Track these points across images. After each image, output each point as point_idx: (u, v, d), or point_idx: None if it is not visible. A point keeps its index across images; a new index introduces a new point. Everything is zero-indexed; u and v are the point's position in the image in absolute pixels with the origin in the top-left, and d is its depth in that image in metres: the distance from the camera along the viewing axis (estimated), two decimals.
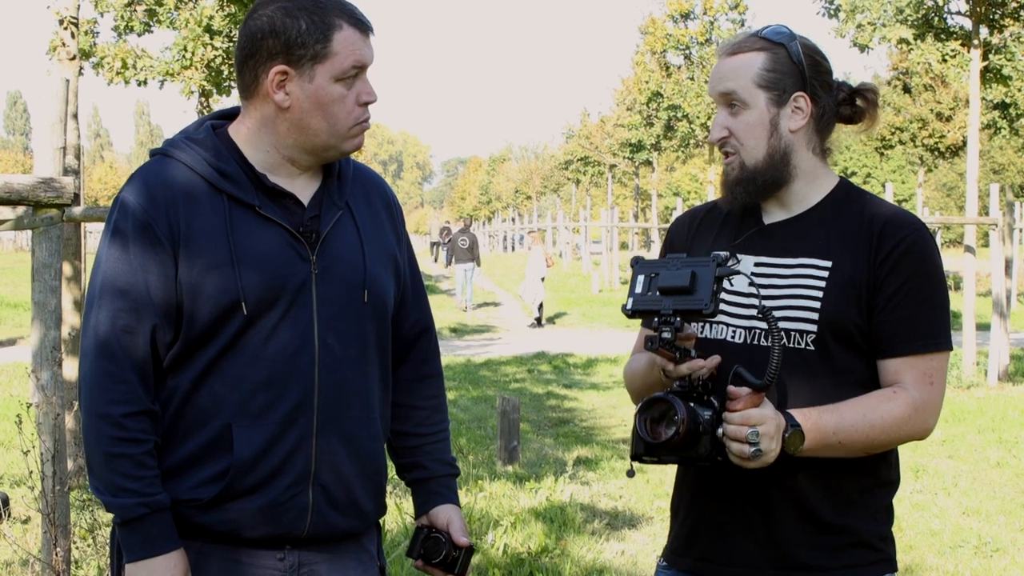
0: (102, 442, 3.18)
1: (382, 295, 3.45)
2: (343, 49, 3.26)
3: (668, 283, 3.27)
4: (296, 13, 3.25)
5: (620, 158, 57.45)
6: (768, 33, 3.53)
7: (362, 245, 3.43)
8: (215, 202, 3.27)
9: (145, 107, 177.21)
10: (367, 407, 3.43)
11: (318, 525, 3.34)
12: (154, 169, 3.34)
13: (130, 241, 3.23)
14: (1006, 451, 13.80)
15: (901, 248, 3.40)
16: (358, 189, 3.53)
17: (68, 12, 10.97)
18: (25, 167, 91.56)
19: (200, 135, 3.38)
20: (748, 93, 3.47)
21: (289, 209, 3.34)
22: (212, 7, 20.88)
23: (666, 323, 3.25)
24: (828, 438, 3.31)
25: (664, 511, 10.15)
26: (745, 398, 3.25)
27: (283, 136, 3.33)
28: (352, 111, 3.30)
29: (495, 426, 13.40)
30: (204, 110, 22.63)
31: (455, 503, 3.69)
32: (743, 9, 44.91)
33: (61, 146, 6.54)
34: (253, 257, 3.25)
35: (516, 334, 29.55)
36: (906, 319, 3.39)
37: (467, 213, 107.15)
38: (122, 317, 3.20)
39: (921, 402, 3.38)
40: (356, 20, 3.30)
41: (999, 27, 22.98)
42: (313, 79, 3.26)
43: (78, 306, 10.45)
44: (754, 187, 3.50)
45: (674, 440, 3.23)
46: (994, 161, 71.46)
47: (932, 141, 48.64)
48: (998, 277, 20.41)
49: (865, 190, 3.64)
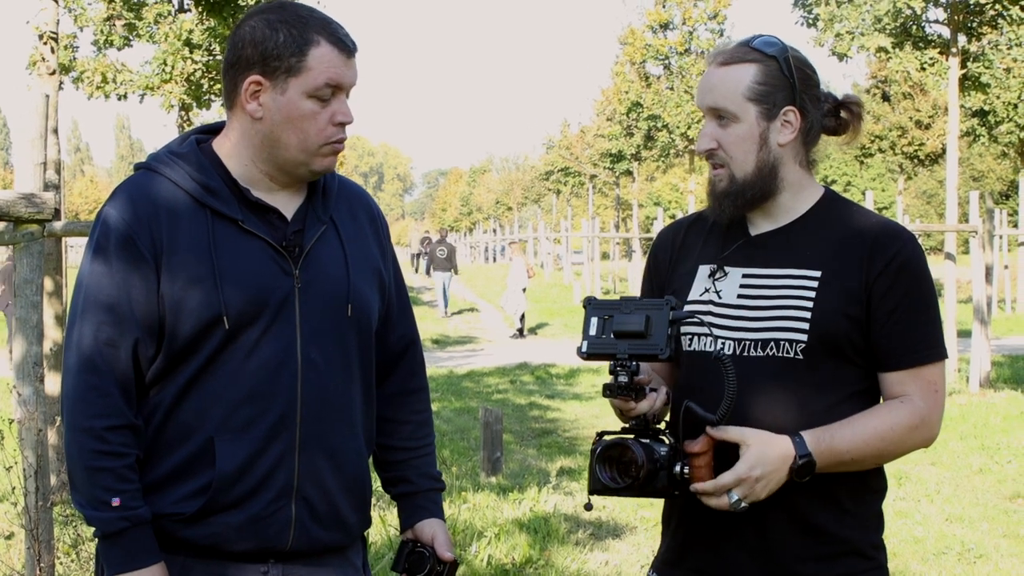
0: (84, 455, 3.18)
1: (366, 310, 3.45)
2: (317, 65, 3.25)
3: (623, 327, 3.29)
4: (277, 25, 3.26)
5: (600, 168, 57.42)
6: (760, 44, 3.49)
7: (346, 259, 3.42)
8: (198, 216, 3.27)
9: (125, 121, 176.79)
10: (350, 421, 3.43)
11: (301, 539, 3.33)
12: (137, 183, 3.33)
13: (112, 256, 3.23)
14: (988, 457, 13.83)
15: (898, 261, 3.41)
16: (343, 204, 3.52)
17: (48, 27, 10.95)
18: (5, 181, 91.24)
19: (184, 149, 3.37)
20: (738, 106, 3.45)
21: (272, 224, 3.34)
22: (191, 21, 20.88)
23: (623, 367, 3.26)
24: (842, 457, 3.35)
25: (648, 520, 10.17)
26: (701, 441, 3.30)
27: (258, 149, 3.33)
28: (324, 129, 3.29)
29: (478, 437, 13.39)
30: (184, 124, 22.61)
31: (440, 517, 3.69)
32: (722, 19, 44.97)
33: (42, 161, 6.53)
34: (236, 272, 3.24)
35: (498, 345, 29.54)
36: (907, 332, 3.41)
37: (446, 224, 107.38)
38: (105, 331, 3.20)
39: (927, 412, 3.42)
40: (336, 39, 3.29)
41: (977, 35, 23.09)
42: (285, 92, 3.26)
43: (60, 321, 10.42)
44: (742, 200, 3.50)
45: (635, 484, 3.28)
46: (974, 168, 71.63)
47: (912, 149, 48.71)
48: (979, 284, 20.45)
49: (851, 200, 3.65)
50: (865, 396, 3.47)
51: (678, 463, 3.30)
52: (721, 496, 3.28)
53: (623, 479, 3.29)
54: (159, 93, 21.65)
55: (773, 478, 3.29)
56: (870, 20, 22.59)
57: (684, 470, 3.30)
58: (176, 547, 3.28)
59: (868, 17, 22.63)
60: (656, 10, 45.86)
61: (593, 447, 3.36)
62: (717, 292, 3.54)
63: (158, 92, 21.66)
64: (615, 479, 3.30)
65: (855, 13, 22.85)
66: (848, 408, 3.41)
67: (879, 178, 75.86)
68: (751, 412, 3.40)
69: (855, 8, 22.88)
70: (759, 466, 3.27)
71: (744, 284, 3.51)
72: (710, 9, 44.77)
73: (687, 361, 3.59)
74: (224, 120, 3.46)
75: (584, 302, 3.40)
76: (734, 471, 3.27)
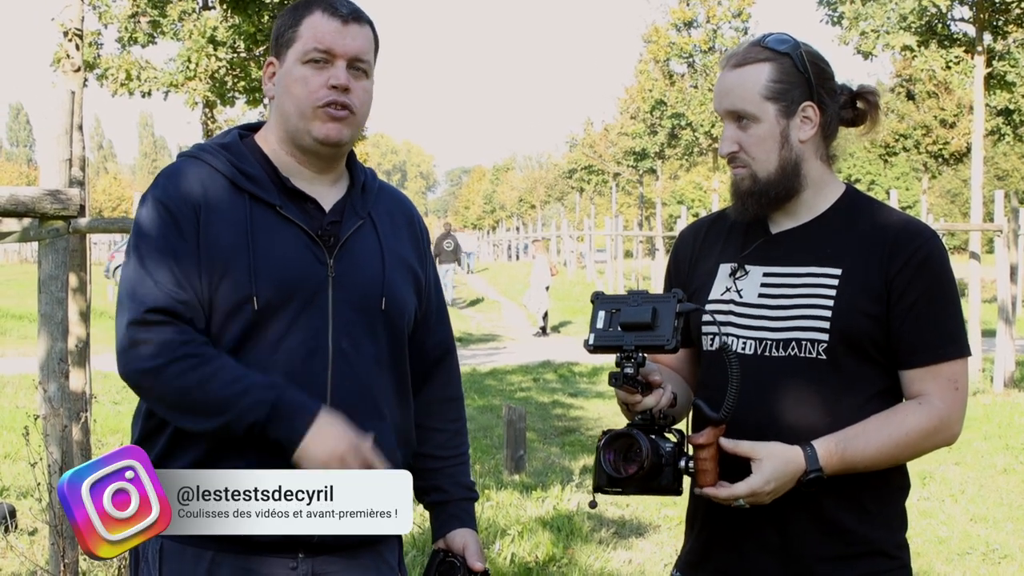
0: (184, 380, 3.16)
1: (400, 305, 3.47)
2: (307, 32, 3.36)
3: (630, 319, 3.29)
4: (287, 11, 3.43)
5: (624, 166, 57.43)
6: (772, 42, 3.50)
7: (383, 254, 3.46)
8: (237, 201, 3.32)
9: (149, 118, 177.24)
10: (381, 414, 3.43)
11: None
12: (178, 167, 3.39)
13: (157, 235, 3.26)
14: (1013, 457, 13.78)
15: (918, 257, 3.39)
16: (382, 205, 3.57)
17: (73, 24, 10.97)
18: (29, 178, 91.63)
19: (227, 140, 3.47)
20: (756, 106, 3.45)
21: (309, 213, 3.39)
22: (216, 18, 20.90)
23: (628, 359, 3.28)
24: (856, 466, 3.35)
25: (672, 520, 10.16)
26: (706, 433, 3.31)
27: (278, 128, 3.43)
28: (315, 91, 3.35)
29: (501, 435, 13.40)
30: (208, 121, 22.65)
31: (472, 527, 3.69)
32: (746, 17, 44.94)
33: (67, 158, 6.55)
34: (270, 257, 3.28)
35: (521, 343, 29.52)
36: (927, 328, 3.39)
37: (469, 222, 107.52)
38: (169, 290, 3.21)
39: (947, 411, 3.39)
40: (330, 7, 3.38)
41: (1003, 34, 23.00)
42: (284, 63, 3.39)
43: (84, 317, 10.42)
44: (766, 200, 3.49)
45: (638, 475, 3.28)
46: (998, 167, 71.48)
47: (936, 148, 48.59)
48: (1003, 283, 20.39)
49: (872, 197, 3.64)
50: (890, 395, 3.45)
51: (683, 459, 3.32)
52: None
53: (627, 470, 3.29)
54: (183, 90, 21.69)
55: (782, 489, 3.31)
56: (895, 18, 22.54)
57: (689, 464, 3.32)
58: (205, 541, 3.25)
59: (893, 15, 22.58)
60: (680, 8, 45.86)
61: (598, 442, 3.36)
62: (738, 291, 3.53)
63: (182, 89, 21.69)
64: (619, 469, 3.31)
65: (880, 11, 22.80)
66: (873, 408, 3.40)
67: (903, 177, 75.70)
68: (775, 413, 3.40)
69: (880, 6, 22.82)
70: (773, 480, 3.28)
71: (765, 283, 3.51)
72: (734, 7, 44.75)
73: (708, 360, 3.59)
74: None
75: (592, 297, 3.40)
76: (748, 484, 3.28)
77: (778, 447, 3.30)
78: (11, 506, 9.44)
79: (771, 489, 3.28)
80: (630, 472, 3.28)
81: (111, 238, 56.01)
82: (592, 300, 3.39)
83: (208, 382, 3.14)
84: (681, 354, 3.65)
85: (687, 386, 3.75)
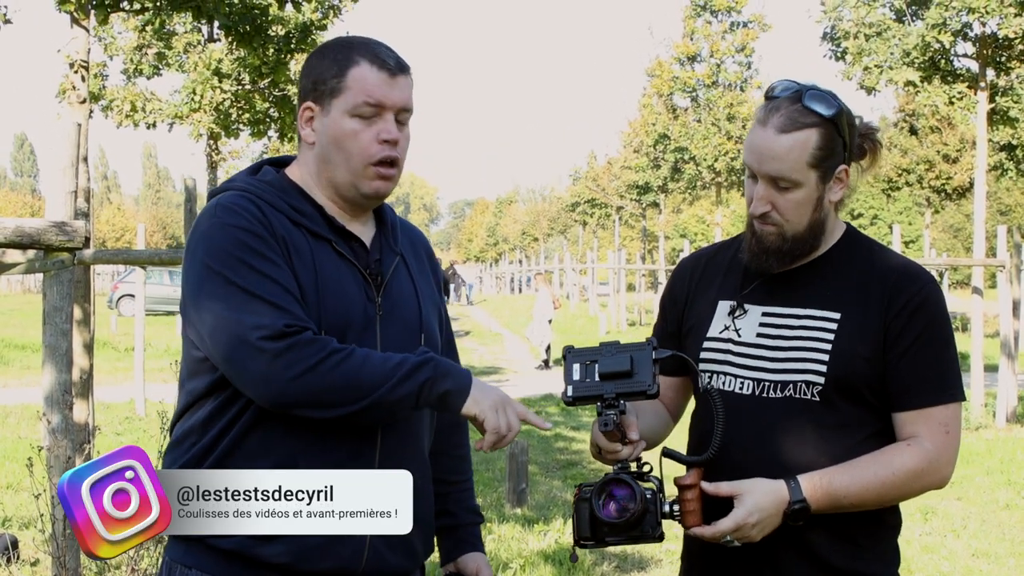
0: (348, 366, 3.15)
1: (434, 341, 3.52)
2: (355, 84, 3.32)
3: (608, 368, 3.33)
4: (325, 53, 3.39)
5: (627, 200, 57.50)
6: (817, 105, 3.41)
7: (416, 292, 3.50)
8: (297, 232, 3.32)
9: (153, 149, 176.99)
10: (421, 448, 3.48)
11: (373, 561, 3.33)
12: (236, 202, 3.33)
13: (251, 260, 3.22)
14: (1015, 493, 13.75)
15: (915, 301, 3.41)
16: (406, 240, 3.60)
17: (79, 55, 11.03)
18: (33, 208, 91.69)
19: (267, 176, 3.44)
20: (801, 175, 3.40)
21: (356, 251, 3.41)
22: (221, 51, 21.00)
23: (610, 407, 3.30)
24: (840, 502, 3.36)
25: (673, 554, 10.14)
26: (692, 474, 3.35)
27: (318, 176, 3.41)
28: (367, 147, 3.33)
29: (503, 468, 13.38)
30: (212, 152, 22.71)
31: (482, 551, 3.74)
32: (749, 52, 44.97)
33: (73, 189, 6.57)
34: (333, 292, 3.29)
35: (523, 376, 29.50)
36: (920, 372, 3.41)
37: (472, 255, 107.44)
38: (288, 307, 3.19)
39: (935, 454, 3.40)
40: (377, 58, 3.35)
41: (1006, 69, 23.02)
42: (330, 113, 3.35)
43: (88, 349, 10.46)
44: (790, 258, 3.50)
45: (630, 520, 3.32)
46: (1001, 203, 71.43)
47: (939, 183, 48.62)
48: (1006, 318, 20.39)
49: (871, 238, 3.64)
50: (884, 436, 3.47)
51: (667, 503, 3.36)
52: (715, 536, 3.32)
53: (621, 516, 3.33)
54: (188, 122, 21.78)
55: (768, 523, 3.32)
56: (899, 54, 22.58)
57: (674, 508, 3.36)
58: (248, 569, 3.25)
59: (897, 51, 22.62)
60: (684, 42, 45.89)
61: (577, 495, 3.41)
62: (736, 330, 3.54)
63: (187, 121, 21.79)
64: (613, 514, 3.34)
65: (884, 47, 22.84)
66: (867, 449, 3.42)
67: (906, 211, 75.68)
68: (770, 452, 3.42)
69: (884, 42, 22.86)
70: (756, 512, 3.29)
71: (764, 323, 3.52)
72: (738, 42, 44.79)
73: (704, 400, 3.60)
74: (292, 155, 3.55)
75: (564, 351, 3.44)
76: (732, 518, 3.30)
77: (760, 482, 3.33)
78: (13, 536, 9.43)
79: (755, 521, 3.29)
80: (626, 517, 3.32)
81: (114, 269, 56.07)
82: (564, 355, 3.42)
83: (364, 366, 3.13)
84: (667, 383, 3.71)
85: (668, 416, 3.82)
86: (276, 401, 3.17)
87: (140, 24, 21.08)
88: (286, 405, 3.18)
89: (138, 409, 19.61)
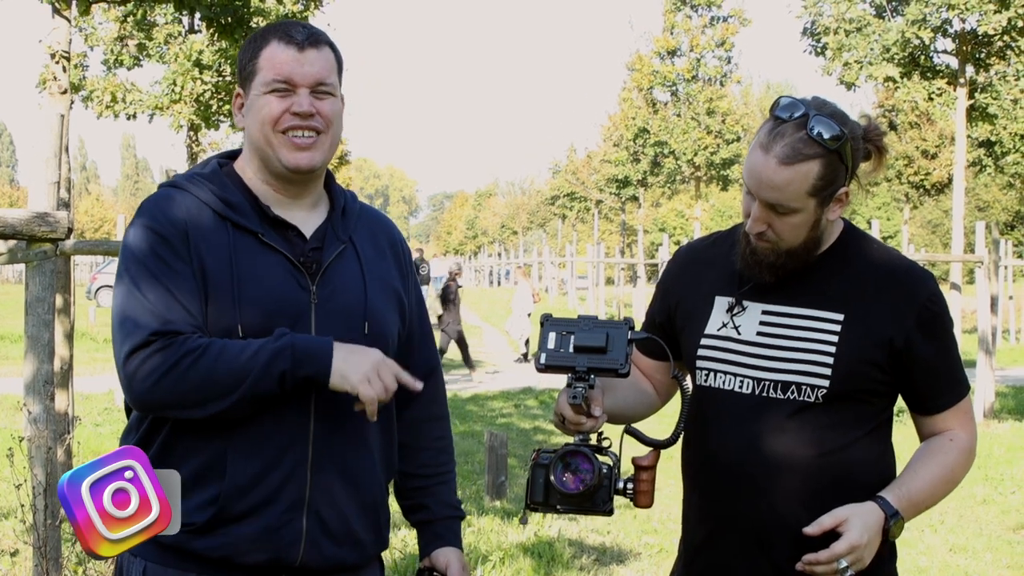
0: (198, 369, 3.17)
1: (384, 329, 3.48)
2: (266, 63, 3.37)
3: (583, 342, 3.35)
4: (247, 42, 3.46)
5: (606, 194, 57.51)
6: (823, 137, 3.32)
7: (364, 278, 3.47)
8: (220, 229, 3.34)
9: (131, 140, 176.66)
10: (364, 440, 3.44)
11: (312, 553, 3.33)
12: (164, 195, 3.41)
13: (150, 259, 3.27)
14: (992, 488, 13.80)
15: (931, 310, 3.46)
16: (364, 227, 3.59)
17: (60, 46, 10.99)
18: (12, 199, 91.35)
19: (206, 170, 3.49)
20: (800, 203, 3.37)
21: (291, 240, 3.41)
22: (201, 42, 20.95)
23: (580, 379, 3.32)
24: (919, 507, 3.50)
25: (652, 547, 10.19)
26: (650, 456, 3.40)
27: (252, 158, 3.46)
28: (279, 118, 3.36)
29: (483, 461, 13.39)
30: (192, 144, 22.67)
31: (457, 546, 3.71)
32: (729, 47, 45.13)
33: (56, 180, 6.55)
34: (253, 285, 3.29)
35: (503, 369, 29.51)
36: (945, 377, 3.53)
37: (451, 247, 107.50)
38: (168, 312, 3.23)
39: (971, 442, 3.60)
40: (286, 36, 3.40)
41: (985, 66, 23.14)
42: (249, 94, 3.41)
43: (68, 339, 10.43)
44: (784, 271, 3.50)
45: (584, 493, 3.34)
46: (979, 199, 71.59)
47: (918, 178, 48.71)
48: (984, 314, 20.43)
49: (867, 234, 3.64)
50: (878, 432, 3.52)
51: (622, 480, 3.38)
52: (831, 564, 3.31)
53: (577, 487, 3.34)
54: (168, 113, 21.73)
55: (874, 543, 3.35)
56: (878, 50, 22.66)
57: (628, 486, 3.38)
58: (188, 561, 3.28)
59: (876, 47, 22.70)
60: (664, 37, 46.01)
61: (535, 460, 3.41)
62: (736, 327, 3.54)
63: (167, 112, 21.73)
64: (567, 486, 3.35)
65: (864, 43, 22.92)
66: (863, 445, 3.46)
67: (884, 207, 75.87)
68: (767, 449, 3.43)
69: (864, 38, 22.95)
70: (866, 532, 3.32)
71: (764, 320, 3.52)
72: (718, 36, 44.93)
73: (701, 396, 3.60)
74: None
75: (541, 319, 3.44)
76: (847, 539, 3.30)
77: (853, 507, 3.37)
78: None
79: (867, 541, 3.32)
80: (581, 489, 3.33)
81: (93, 259, 55.93)
82: (541, 322, 3.43)
83: (219, 362, 3.15)
84: (655, 365, 3.78)
85: (654, 396, 3.86)
86: (142, 406, 3.26)
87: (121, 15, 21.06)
88: (152, 409, 3.27)
89: (117, 400, 19.53)
